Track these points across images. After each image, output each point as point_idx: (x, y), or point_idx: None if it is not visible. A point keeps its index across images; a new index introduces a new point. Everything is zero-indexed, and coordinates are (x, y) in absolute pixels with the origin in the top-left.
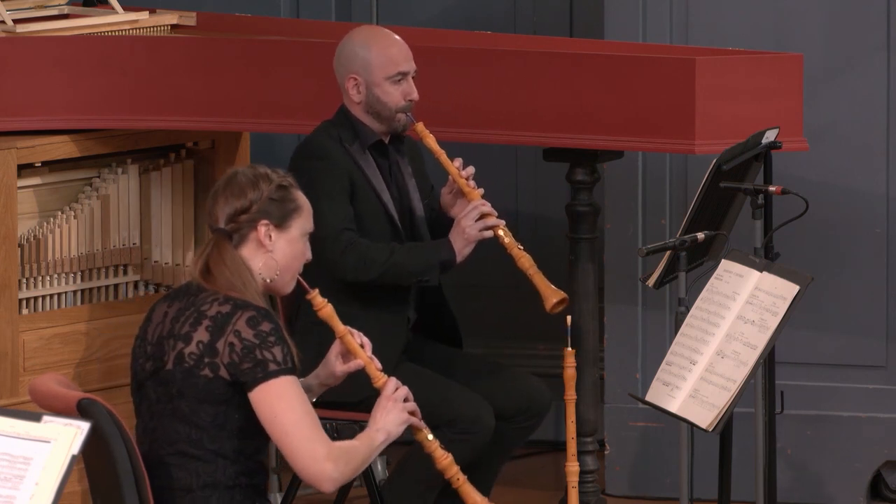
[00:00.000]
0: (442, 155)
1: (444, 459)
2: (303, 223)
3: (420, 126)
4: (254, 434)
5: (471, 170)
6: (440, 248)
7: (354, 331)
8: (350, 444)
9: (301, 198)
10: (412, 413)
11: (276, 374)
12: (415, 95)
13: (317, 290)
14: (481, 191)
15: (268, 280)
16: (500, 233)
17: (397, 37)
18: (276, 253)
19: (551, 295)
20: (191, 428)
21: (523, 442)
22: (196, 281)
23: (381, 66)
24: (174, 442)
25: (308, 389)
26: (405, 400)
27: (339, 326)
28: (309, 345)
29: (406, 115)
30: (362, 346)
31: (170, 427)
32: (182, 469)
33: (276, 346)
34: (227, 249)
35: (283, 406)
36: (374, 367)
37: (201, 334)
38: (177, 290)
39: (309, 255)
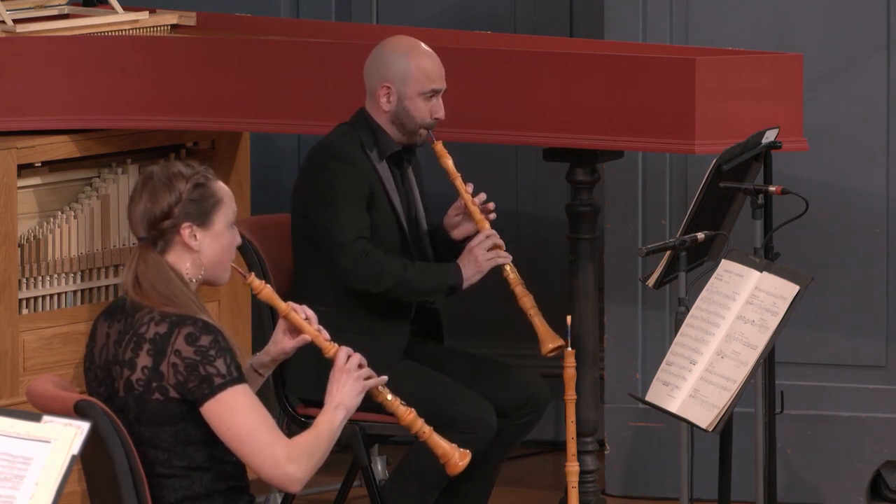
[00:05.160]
0: (458, 178)
1: (408, 415)
2: (225, 213)
3: (439, 146)
4: (220, 440)
5: (482, 196)
6: (450, 272)
7: (297, 306)
8: (309, 437)
9: (220, 189)
10: (367, 379)
11: (222, 387)
12: (441, 115)
13: (252, 274)
14: (493, 216)
15: (195, 280)
16: (507, 268)
17: (433, 53)
18: (204, 251)
19: (549, 340)
20: (156, 451)
21: (523, 437)
22: (129, 296)
23: (417, 80)
24: (143, 465)
25: (262, 366)
26: (359, 367)
27: (281, 305)
28: (307, 356)
29: (427, 132)
30: (307, 319)
31: (136, 452)
32: (158, 487)
33: (219, 359)
34: (153, 258)
35: (235, 417)
36: (322, 338)
37: (144, 359)
38: (113, 305)
39: (238, 240)
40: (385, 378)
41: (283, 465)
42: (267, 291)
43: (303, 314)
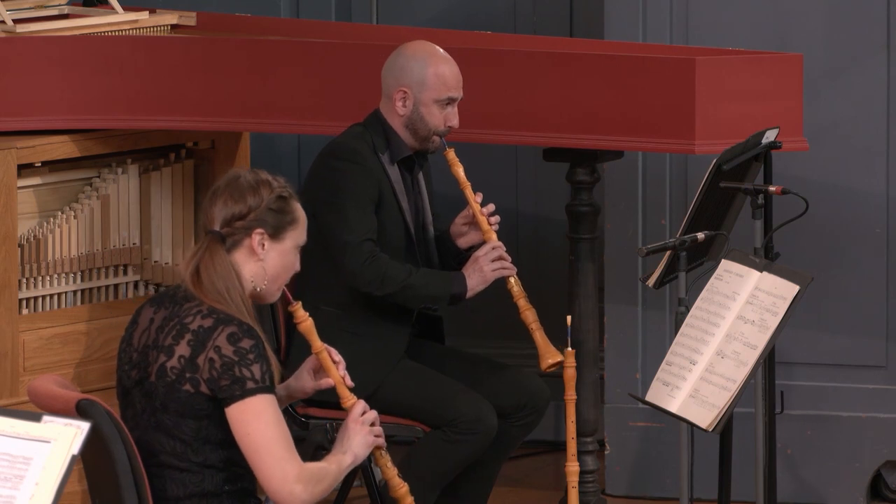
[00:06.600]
0: (467, 187)
1: (401, 489)
2: (297, 236)
3: (451, 154)
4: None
5: (491, 207)
6: (454, 280)
7: (331, 348)
8: (320, 466)
9: (298, 210)
10: (378, 436)
11: (252, 392)
12: (455, 123)
13: (299, 303)
14: (496, 227)
15: (256, 289)
16: (511, 280)
17: (452, 60)
18: (267, 262)
19: (549, 355)
20: (175, 441)
21: (524, 439)
22: (185, 284)
23: (434, 87)
24: (158, 453)
25: (277, 399)
26: (372, 424)
27: (317, 342)
28: (307, 356)
29: (440, 139)
30: (336, 363)
31: (153, 439)
32: (165, 479)
33: (255, 364)
34: (219, 253)
35: (258, 425)
36: (345, 387)
37: (183, 348)
38: (164, 293)
39: (297, 267)
40: (385, 444)
41: (291, 482)
42: (307, 324)
43: (335, 358)
